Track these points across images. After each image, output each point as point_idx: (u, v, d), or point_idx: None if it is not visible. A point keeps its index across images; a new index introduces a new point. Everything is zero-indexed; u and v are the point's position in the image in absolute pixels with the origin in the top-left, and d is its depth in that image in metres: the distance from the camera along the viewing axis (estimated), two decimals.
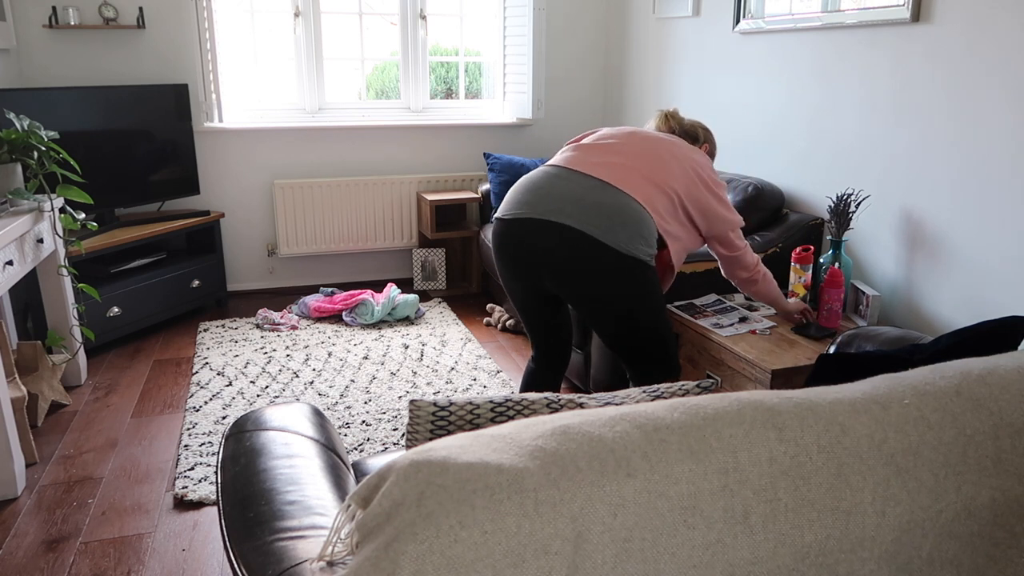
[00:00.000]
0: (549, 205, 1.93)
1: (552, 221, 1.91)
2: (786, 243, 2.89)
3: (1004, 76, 2.17)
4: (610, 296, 1.95)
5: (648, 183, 1.97)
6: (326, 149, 4.28)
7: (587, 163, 1.99)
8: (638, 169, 1.98)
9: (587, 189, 1.93)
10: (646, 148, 2.03)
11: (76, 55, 3.76)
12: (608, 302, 1.96)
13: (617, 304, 1.96)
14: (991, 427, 0.91)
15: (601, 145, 2.06)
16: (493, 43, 4.55)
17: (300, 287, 4.43)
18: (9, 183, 2.65)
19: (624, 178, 1.95)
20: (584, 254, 1.90)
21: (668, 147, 2.06)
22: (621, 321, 1.99)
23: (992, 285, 2.28)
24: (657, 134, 2.13)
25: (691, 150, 2.10)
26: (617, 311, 1.97)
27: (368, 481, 0.78)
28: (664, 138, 2.11)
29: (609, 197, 1.91)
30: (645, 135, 2.10)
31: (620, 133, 2.11)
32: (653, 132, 2.15)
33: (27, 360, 2.83)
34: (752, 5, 3.24)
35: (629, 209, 1.91)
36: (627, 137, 2.08)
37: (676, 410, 0.84)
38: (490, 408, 1.09)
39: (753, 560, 0.79)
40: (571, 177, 1.96)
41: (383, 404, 2.95)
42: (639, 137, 2.08)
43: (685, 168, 2.03)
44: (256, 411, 1.38)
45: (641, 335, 2.02)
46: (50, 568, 2.01)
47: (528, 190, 1.99)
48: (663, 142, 2.08)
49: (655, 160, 2.00)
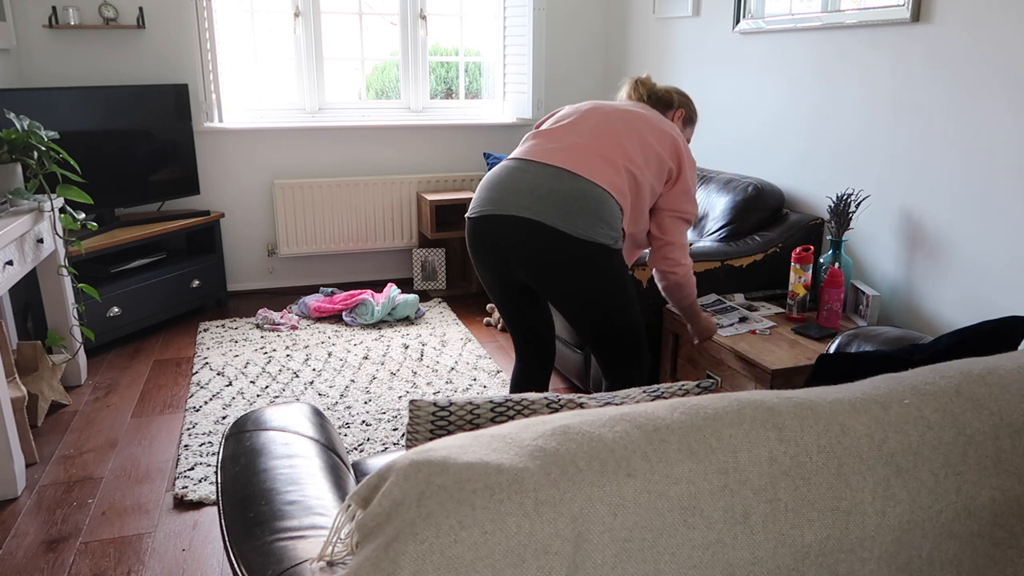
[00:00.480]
0: (509, 200, 1.92)
1: (512, 216, 1.91)
2: (786, 243, 2.89)
3: (1004, 76, 2.17)
4: (577, 285, 1.93)
5: (605, 162, 1.93)
6: (326, 149, 4.28)
7: (545, 151, 1.96)
8: (595, 149, 1.94)
9: (543, 178, 1.91)
10: (604, 125, 1.99)
11: (76, 55, 3.76)
12: (576, 291, 1.94)
13: (585, 293, 1.94)
14: (991, 427, 0.91)
15: (559, 129, 2.02)
16: (493, 43, 4.55)
17: (300, 287, 4.43)
18: (9, 183, 2.65)
19: (580, 161, 1.92)
20: (547, 245, 1.89)
21: (629, 120, 2.00)
22: (588, 309, 1.98)
23: (992, 285, 2.28)
24: (620, 107, 2.06)
25: (657, 122, 2.03)
26: (584, 299, 1.96)
27: (368, 481, 0.78)
28: (627, 110, 2.04)
29: (565, 184, 1.89)
30: (605, 111, 2.03)
31: (579, 110, 2.06)
32: (616, 105, 2.07)
33: (27, 360, 2.83)
34: (752, 5, 3.24)
35: (587, 193, 1.89)
36: (586, 115, 2.03)
37: (676, 410, 0.84)
38: (490, 408, 1.09)
39: (753, 560, 0.79)
40: (529, 168, 1.95)
41: (383, 404, 2.95)
42: (599, 113, 2.02)
43: (650, 142, 1.98)
44: (256, 411, 1.38)
45: (611, 324, 2.01)
46: (50, 568, 2.01)
47: (491, 187, 1.99)
48: (624, 115, 2.02)
49: (611, 137, 1.96)
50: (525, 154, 1.99)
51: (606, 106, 2.07)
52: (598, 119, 2.01)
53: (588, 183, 1.90)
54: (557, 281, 1.94)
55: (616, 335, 2.02)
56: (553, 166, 1.93)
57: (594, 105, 2.08)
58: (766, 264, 2.88)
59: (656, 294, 2.72)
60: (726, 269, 2.80)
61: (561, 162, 1.92)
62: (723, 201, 3.04)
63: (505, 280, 2.06)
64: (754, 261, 2.85)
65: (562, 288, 1.95)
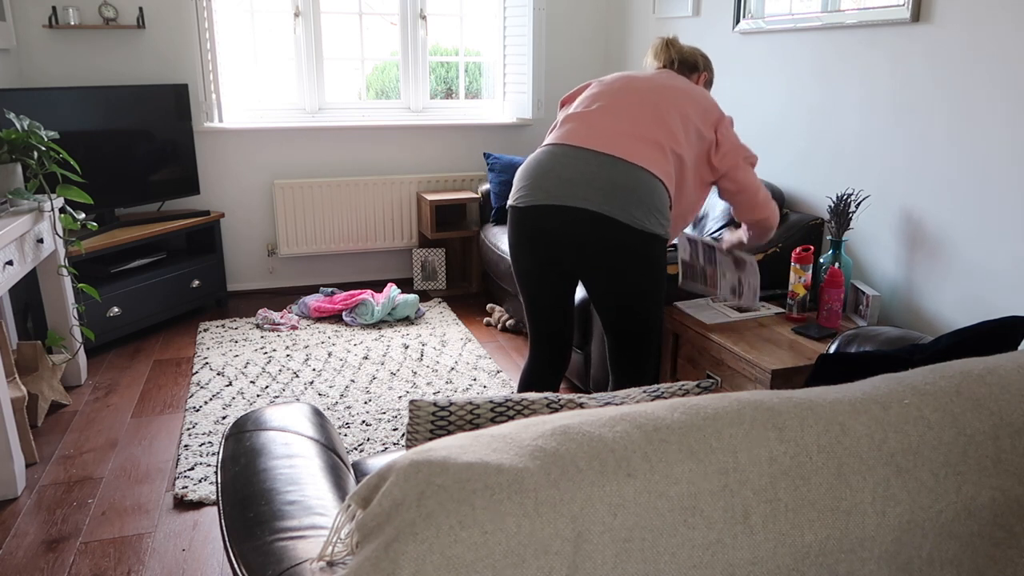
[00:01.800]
0: (563, 189, 1.91)
1: (569, 206, 1.90)
2: (786, 243, 2.89)
3: (1004, 76, 2.17)
4: (627, 275, 1.95)
5: (653, 147, 1.93)
6: (326, 149, 4.28)
7: (592, 136, 1.94)
8: (642, 133, 1.93)
9: (598, 167, 1.90)
10: (645, 106, 1.97)
11: (76, 55, 3.76)
12: (624, 280, 1.96)
13: (631, 284, 1.97)
14: (991, 427, 0.91)
15: (599, 111, 1.99)
16: (493, 43, 4.55)
17: (300, 287, 4.43)
18: (9, 183, 2.65)
19: (632, 149, 1.91)
20: (604, 234, 1.90)
21: (668, 97, 2.00)
22: (629, 298, 1.99)
23: (992, 285, 2.28)
24: (655, 81, 2.05)
25: (692, 93, 2.03)
26: (628, 290, 1.98)
27: (368, 481, 0.78)
28: (662, 85, 2.03)
29: (621, 174, 1.89)
30: (641, 89, 2.02)
31: (614, 91, 2.03)
32: (650, 79, 2.06)
33: (27, 360, 2.83)
34: (752, 5, 3.24)
35: (642, 183, 1.89)
36: (623, 94, 2.01)
37: (676, 410, 0.84)
38: (490, 408, 1.09)
39: (753, 560, 0.79)
40: (579, 155, 1.93)
41: (383, 404, 2.95)
42: (637, 92, 2.01)
43: (688, 114, 1.99)
44: (256, 411, 1.38)
45: (643, 316, 2.03)
46: (50, 568, 2.01)
47: (540, 175, 1.96)
48: (662, 91, 2.01)
49: (655, 118, 1.96)
50: (571, 139, 1.96)
51: (640, 82, 2.04)
52: (638, 99, 1.99)
53: (642, 171, 1.90)
54: (609, 270, 1.95)
55: (641, 330, 2.05)
56: (606, 154, 1.91)
57: (627, 82, 2.05)
58: (766, 264, 2.88)
59: None
60: None
61: (613, 149, 1.91)
62: (723, 201, 3.04)
63: (548, 271, 2.06)
64: None
65: (612, 276, 1.96)
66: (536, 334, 2.21)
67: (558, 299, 2.13)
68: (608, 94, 2.04)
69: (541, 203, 1.94)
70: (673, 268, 2.70)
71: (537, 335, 2.21)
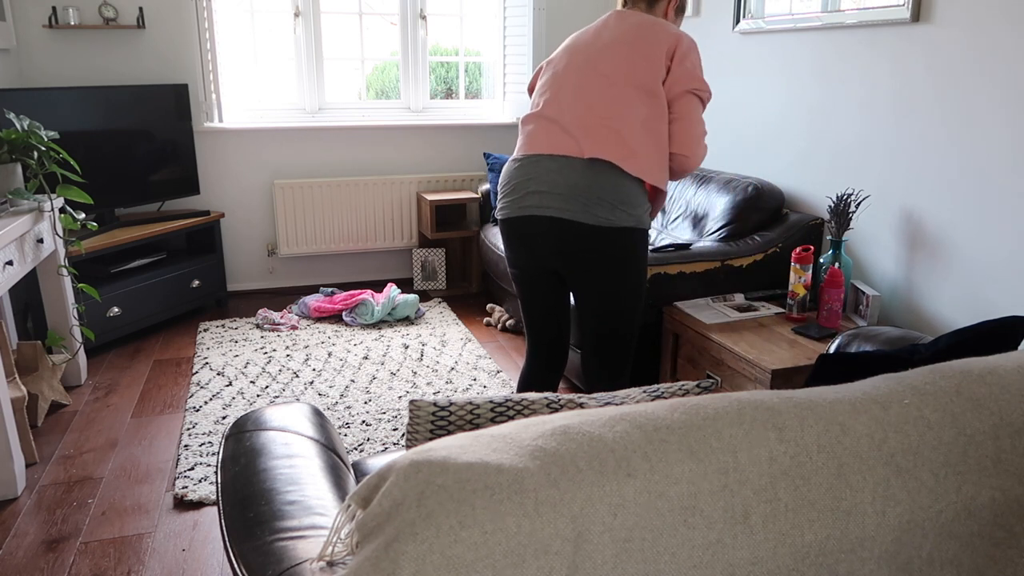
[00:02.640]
0: (531, 200, 1.95)
1: (538, 216, 1.95)
2: (786, 243, 2.89)
3: (1004, 76, 2.17)
4: (596, 271, 1.97)
5: (609, 131, 1.88)
6: (326, 149, 4.28)
7: (549, 139, 1.94)
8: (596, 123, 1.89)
9: (556, 173, 1.91)
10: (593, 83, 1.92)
11: (76, 55, 3.76)
12: (595, 277, 1.98)
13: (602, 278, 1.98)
14: (991, 427, 0.91)
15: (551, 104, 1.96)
16: (493, 43, 4.55)
17: (300, 287, 4.43)
18: (9, 183, 2.65)
19: (586, 143, 1.89)
20: (572, 238, 1.93)
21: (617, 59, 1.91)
22: (600, 296, 2.00)
23: (992, 285, 2.28)
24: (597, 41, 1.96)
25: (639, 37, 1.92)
26: (601, 285, 1.99)
27: (368, 481, 0.78)
28: (607, 46, 1.93)
29: (577, 174, 1.89)
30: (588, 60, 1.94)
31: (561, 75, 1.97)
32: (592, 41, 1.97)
33: (27, 360, 2.83)
34: (752, 5, 3.24)
35: (599, 178, 1.88)
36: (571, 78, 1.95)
37: (676, 410, 0.84)
38: (490, 408, 1.09)
39: (753, 560, 0.79)
40: (540, 162, 1.94)
41: (383, 404, 2.95)
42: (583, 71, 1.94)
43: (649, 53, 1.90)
44: (256, 411, 1.38)
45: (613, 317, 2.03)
46: (50, 568, 2.01)
47: (510, 188, 2.01)
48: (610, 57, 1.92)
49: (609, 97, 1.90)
50: (531, 148, 1.98)
51: (585, 52, 1.97)
52: (587, 77, 1.94)
53: (600, 164, 1.89)
54: (583, 272, 1.98)
55: (612, 331, 2.05)
56: (562, 156, 1.91)
57: (572, 56, 1.99)
58: (766, 264, 2.88)
59: (656, 293, 2.72)
60: (726, 269, 2.80)
61: (567, 149, 1.91)
62: (723, 201, 3.04)
63: (538, 275, 2.09)
64: (754, 261, 2.85)
65: (586, 278, 1.99)
66: (532, 336, 2.22)
67: (551, 301, 2.15)
68: (556, 82, 1.99)
69: (517, 215, 1.99)
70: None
71: (533, 337, 2.22)
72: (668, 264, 2.72)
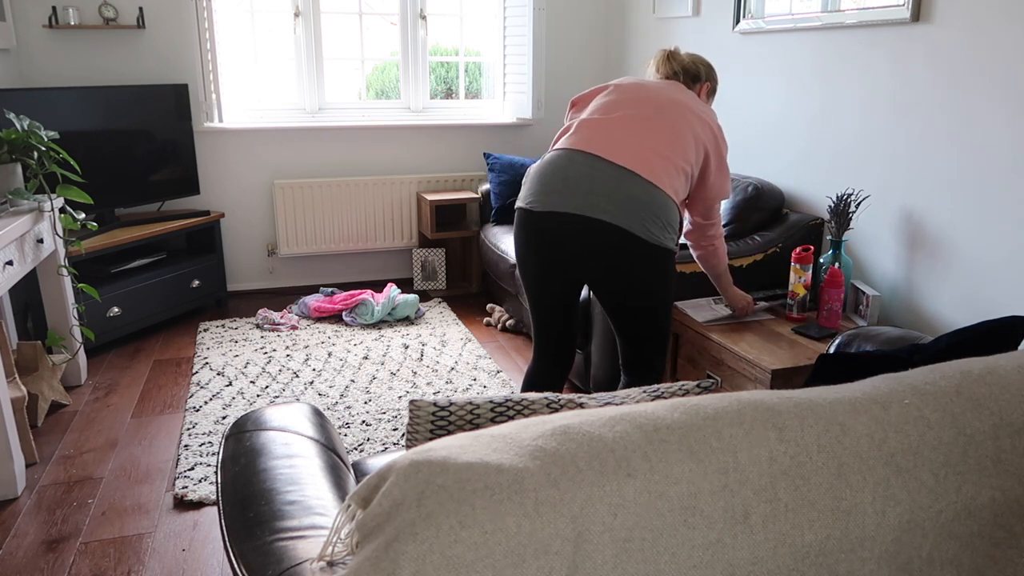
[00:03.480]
0: (581, 200, 1.93)
1: (587, 216, 1.93)
2: (786, 243, 2.89)
3: (1004, 76, 2.17)
4: (639, 282, 2.00)
5: (667, 163, 1.97)
6: (326, 149, 4.28)
7: (611, 147, 1.96)
8: (656, 148, 1.97)
9: (616, 180, 1.93)
10: (663, 120, 2.00)
11: (76, 55, 3.76)
12: (636, 288, 2.01)
13: (646, 295, 2.02)
14: (991, 427, 0.91)
15: (620, 122, 2.01)
16: (493, 43, 4.55)
17: (300, 287, 4.43)
18: (9, 183, 2.65)
19: (648, 165, 1.95)
20: (620, 246, 1.94)
21: (679, 112, 2.02)
22: (642, 308, 2.04)
23: (992, 285, 2.28)
24: (666, 94, 2.07)
25: (700, 108, 2.07)
26: (641, 296, 2.03)
27: (368, 481, 0.78)
28: (673, 100, 2.05)
29: (638, 188, 1.92)
30: (657, 101, 2.04)
31: (632, 101, 2.04)
32: (662, 92, 2.07)
33: (27, 360, 2.83)
34: (752, 5, 3.24)
35: (657, 199, 1.94)
36: (641, 108, 2.02)
37: (676, 410, 0.84)
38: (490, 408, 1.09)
39: (753, 560, 0.79)
40: (596, 165, 1.95)
41: (383, 404, 2.95)
42: (653, 107, 2.03)
43: (698, 134, 2.03)
44: (256, 411, 1.38)
45: (655, 322, 2.08)
46: (50, 568, 2.01)
47: (555, 180, 1.98)
48: (673, 106, 2.03)
49: (669, 133, 1.99)
50: (590, 147, 1.98)
51: (656, 93, 2.06)
52: (655, 112, 2.01)
53: (657, 189, 1.94)
54: (626, 277, 1.99)
55: (655, 335, 2.10)
56: (623, 168, 1.94)
57: (644, 92, 2.06)
58: (766, 264, 2.88)
59: None
60: None
61: (631, 163, 1.94)
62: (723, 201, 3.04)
63: (555, 274, 2.07)
64: (754, 261, 2.85)
65: (630, 284, 2.00)
66: (541, 335, 2.21)
67: (564, 301, 2.14)
68: (626, 103, 2.04)
69: (557, 210, 1.96)
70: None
71: (542, 336, 2.21)
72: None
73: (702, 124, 2.05)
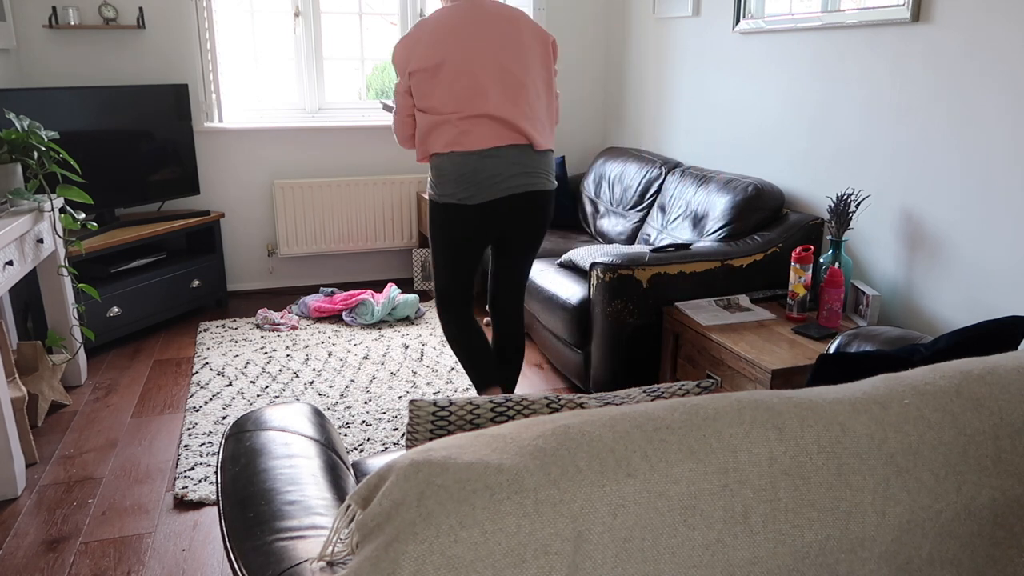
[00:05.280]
0: (507, 183, 2.35)
1: (520, 193, 2.37)
2: (786, 243, 2.89)
3: (1004, 76, 2.17)
4: (543, 223, 2.49)
5: (536, 121, 2.38)
6: (326, 149, 4.28)
7: (499, 133, 2.33)
8: (525, 114, 2.34)
9: (523, 156, 2.36)
10: (511, 81, 2.33)
11: (76, 55, 3.76)
12: (540, 229, 2.50)
13: (543, 229, 2.52)
14: (991, 427, 0.91)
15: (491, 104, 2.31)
16: None
17: (300, 287, 4.43)
18: (9, 183, 2.65)
19: (530, 132, 2.35)
20: (547, 203, 2.45)
21: (521, 56, 2.35)
22: (538, 241, 2.54)
23: (992, 285, 2.28)
24: (493, 34, 2.33)
25: (529, 29, 2.38)
26: (540, 233, 2.52)
27: (368, 481, 0.78)
28: (508, 39, 2.34)
29: (536, 155, 2.39)
30: (499, 61, 2.32)
31: (476, 72, 2.30)
32: (497, 40, 2.33)
33: (27, 360, 2.83)
34: (752, 5, 3.24)
35: (547, 156, 2.43)
36: (490, 75, 2.31)
37: (676, 410, 0.84)
38: (490, 408, 1.09)
39: (753, 560, 0.79)
40: (503, 153, 2.34)
41: (383, 404, 2.95)
42: (497, 67, 2.32)
43: (539, 53, 2.40)
44: (256, 411, 1.38)
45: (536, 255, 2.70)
46: (50, 568, 2.01)
47: (480, 176, 2.34)
48: (514, 53, 2.34)
49: (521, 90, 2.34)
50: (488, 141, 2.33)
51: (494, 50, 2.33)
52: (502, 75, 2.33)
53: (545, 150, 2.42)
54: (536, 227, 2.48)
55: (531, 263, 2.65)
56: (518, 145, 2.36)
57: (483, 56, 2.32)
58: (766, 264, 2.88)
59: (656, 294, 2.73)
60: (726, 269, 2.80)
61: (522, 139, 2.36)
62: (723, 201, 3.04)
63: (482, 245, 2.47)
64: (754, 261, 2.85)
65: (535, 233, 2.49)
66: (463, 289, 2.54)
67: (481, 257, 2.56)
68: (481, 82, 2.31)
69: (491, 198, 2.35)
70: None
71: (464, 289, 2.54)
72: (668, 264, 2.72)
73: (537, 44, 2.39)
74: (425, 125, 2.34)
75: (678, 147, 3.89)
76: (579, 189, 4.20)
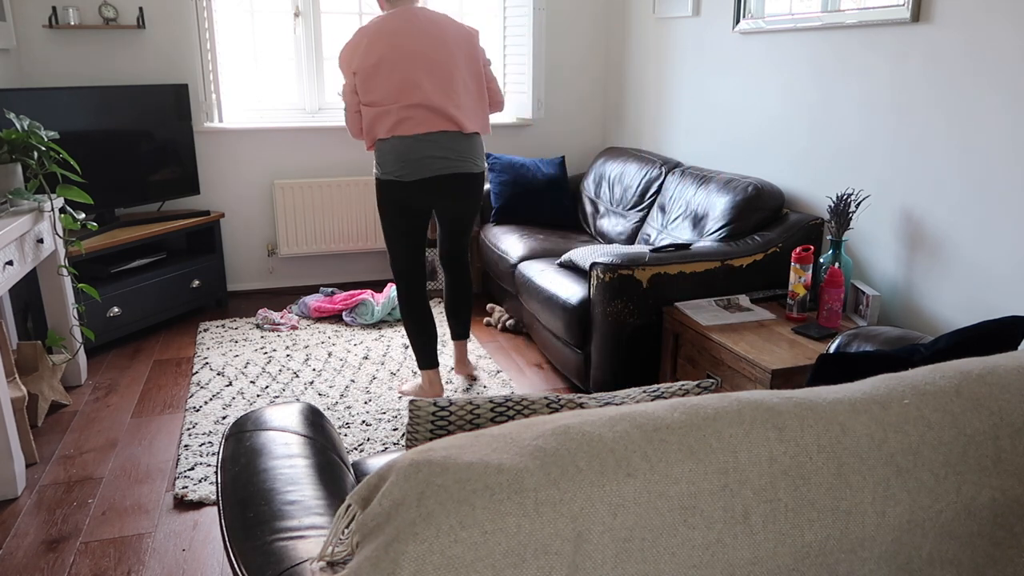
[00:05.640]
0: (438, 164, 2.67)
1: (450, 174, 2.70)
2: (786, 243, 2.89)
3: (1004, 76, 2.17)
4: (477, 198, 2.85)
5: (465, 109, 2.69)
6: (326, 149, 4.28)
7: (434, 120, 2.64)
8: (455, 103, 2.66)
9: (453, 141, 2.68)
10: (440, 75, 2.64)
11: (76, 55, 3.76)
12: (475, 203, 2.86)
13: (477, 203, 2.87)
14: (991, 427, 0.91)
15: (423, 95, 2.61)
16: (493, 43, 4.55)
17: (300, 287, 4.43)
18: (9, 183, 2.65)
19: (460, 119, 2.67)
20: (473, 182, 2.78)
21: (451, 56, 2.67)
22: (473, 213, 2.90)
23: (992, 285, 2.28)
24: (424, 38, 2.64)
25: (455, 35, 2.71)
26: (475, 207, 2.88)
27: (368, 481, 0.78)
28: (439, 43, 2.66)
29: (465, 140, 2.71)
30: (429, 57, 2.63)
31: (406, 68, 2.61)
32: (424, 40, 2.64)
33: (27, 360, 2.83)
34: (752, 5, 3.24)
35: (475, 141, 2.75)
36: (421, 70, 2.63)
37: (676, 410, 0.84)
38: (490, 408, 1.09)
39: (753, 560, 0.79)
40: (435, 138, 2.66)
41: (383, 404, 2.95)
42: (427, 62, 2.63)
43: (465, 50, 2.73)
44: (256, 411, 1.38)
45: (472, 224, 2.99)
46: (50, 568, 2.02)
47: (413, 158, 2.65)
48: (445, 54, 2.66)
49: (451, 83, 2.66)
50: (423, 127, 2.64)
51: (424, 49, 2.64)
52: (431, 69, 2.63)
53: (474, 135, 2.75)
54: (468, 202, 2.82)
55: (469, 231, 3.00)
56: (450, 131, 2.67)
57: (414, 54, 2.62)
58: (766, 264, 2.88)
59: (656, 294, 2.73)
60: (726, 269, 2.80)
61: (452, 126, 2.67)
62: (723, 201, 3.04)
63: (425, 214, 2.80)
64: (754, 261, 2.85)
65: (469, 206, 2.84)
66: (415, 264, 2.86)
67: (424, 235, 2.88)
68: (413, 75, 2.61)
69: (423, 176, 2.67)
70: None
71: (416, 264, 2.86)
72: (668, 264, 2.72)
73: (466, 47, 2.73)
74: (370, 116, 2.67)
75: (678, 147, 3.89)
76: (579, 189, 4.20)
